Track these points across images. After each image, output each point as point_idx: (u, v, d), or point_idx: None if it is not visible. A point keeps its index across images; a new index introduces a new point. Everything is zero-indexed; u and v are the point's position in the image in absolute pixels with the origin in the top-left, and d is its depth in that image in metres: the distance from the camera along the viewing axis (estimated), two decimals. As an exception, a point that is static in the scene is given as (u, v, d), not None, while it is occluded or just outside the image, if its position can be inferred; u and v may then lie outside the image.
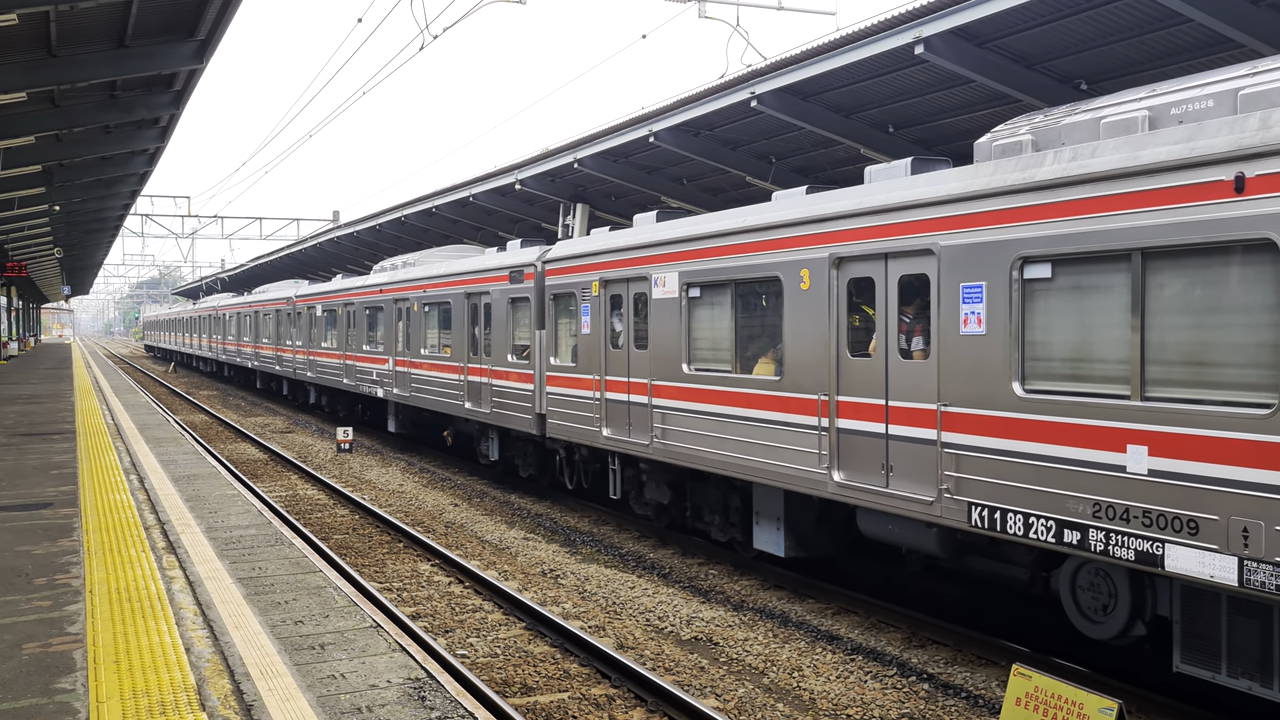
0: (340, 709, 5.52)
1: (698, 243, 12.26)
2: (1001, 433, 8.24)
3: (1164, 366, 7.17)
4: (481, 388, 18.31)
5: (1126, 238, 7.28)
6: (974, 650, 9.60)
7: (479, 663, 9.35)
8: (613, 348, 14.16)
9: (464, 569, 12.36)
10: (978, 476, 8.43)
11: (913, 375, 9.13)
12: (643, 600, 11.41)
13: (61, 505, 11.07)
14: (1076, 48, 11.88)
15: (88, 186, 28.08)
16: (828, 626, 10.50)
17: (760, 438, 11.07)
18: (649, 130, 17.13)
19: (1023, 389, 8.11)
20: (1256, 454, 6.48)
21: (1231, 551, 6.60)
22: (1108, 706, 6.02)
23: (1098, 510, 7.47)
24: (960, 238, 8.58)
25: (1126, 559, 7.28)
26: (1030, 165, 8.09)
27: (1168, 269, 7.11)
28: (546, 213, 25.02)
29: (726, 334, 11.87)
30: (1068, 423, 7.73)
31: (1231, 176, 6.64)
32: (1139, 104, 7.73)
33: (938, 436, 8.79)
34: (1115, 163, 7.36)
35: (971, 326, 8.50)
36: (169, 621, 6.97)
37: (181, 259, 75.29)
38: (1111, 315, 7.49)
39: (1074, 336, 7.79)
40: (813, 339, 10.31)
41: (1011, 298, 8.15)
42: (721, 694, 8.64)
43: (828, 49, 12.97)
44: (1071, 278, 7.77)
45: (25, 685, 5.72)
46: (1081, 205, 7.60)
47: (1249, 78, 7.12)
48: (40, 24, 13.93)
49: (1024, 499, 8.01)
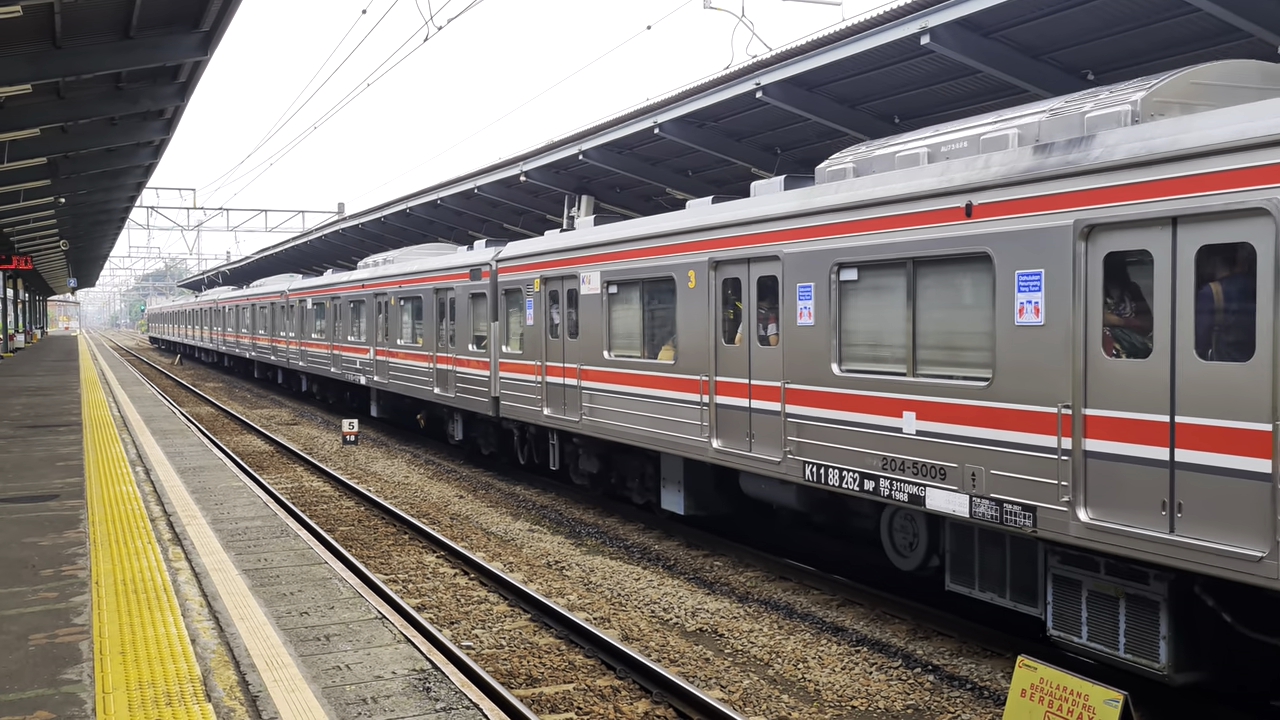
0: (345, 700, 5.53)
1: (615, 246, 14.01)
2: (825, 404, 10.23)
3: (927, 350, 9.16)
4: (448, 374, 20.08)
5: (903, 250, 9.20)
6: (979, 642, 9.60)
7: (484, 654, 9.36)
8: (551, 337, 15.88)
9: (469, 560, 12.38)
10: (809, 440, 10.43)
11: (767, 358, 11.09)
12: (648, 592, 11.42)
13: (68, 497, 11.10)
14: (1082, 38, 11.83)
15: (93, 178, 28.10)
16: (832, 618, 10.51)
17: (663, 413, 12.87)
18: (654, 122, 17.10)
19: (839, 369, 10.07)
20: (980, 416, 8.49)
21: (965, 491, 8.60)
22: (1113, 698, 6.01)
23: (885, 464, 9.46)
24: (798, 247, 10.51)
25: (902, 500, 9.26)
26: (844, 189, 10.01)
27: (929, 275, 9.08)
28: (551, 204, 25.01)
29: (637, 325, 13.72)
30: (867, 395, 9.69)
31: (964, 204, 8.53)
32: (922, 142, 9.61)
33: (782, 408, 10.78)
34: (897, 190, 9.24)
35: (805, 319, 10.47)
36: (175, 613, 6.99)
37: (187, 251, 75.37)
38: (895, 311, 9.46)
39: (872, 327, 9.78)
40: (698, 329, 12.17)
41: (831, 296, 10.12)
42: (726, 685, 8.65)
43: (833, 40, 12.93)
44: (870, 280, 9.77)
45: (32, 676, 5.74)
46: (875, 223, 9.53)
47: (992, 124, 8.95)
48: (45, 16, 13.92)
49: (838, 457, 10.03)
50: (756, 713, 8.10)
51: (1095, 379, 7.54)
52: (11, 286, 54.60)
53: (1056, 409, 7.77)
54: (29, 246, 47.58)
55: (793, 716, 8.03)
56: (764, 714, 8.08)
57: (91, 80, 17.51)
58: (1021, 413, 8.08)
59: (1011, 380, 8.17)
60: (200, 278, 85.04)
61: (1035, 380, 7.96)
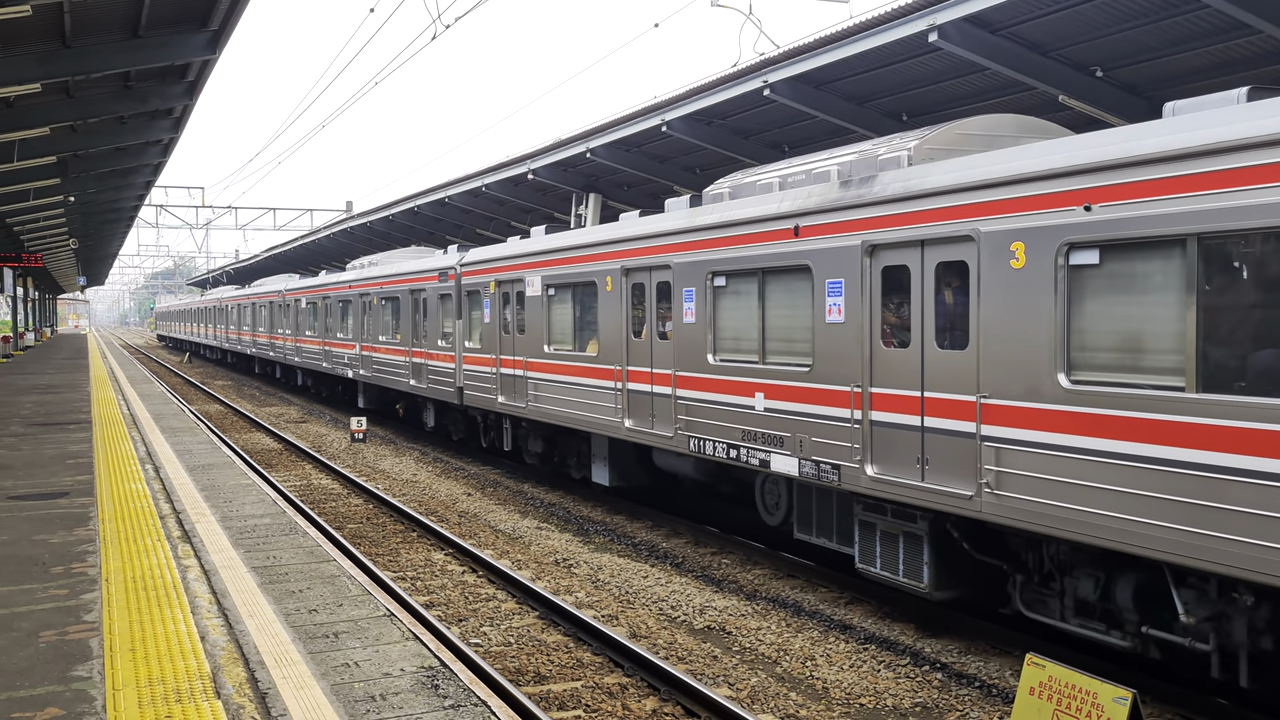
0: (354, 697, 5.54)
1: (553, 254, 16.02)
2: (703, 388, 12.24)
3: (772, 342, 11.18)
4: (421, 367, 22.06)
5: (755, 262, 11.21)
6: (987, 640, 9.59)
7: (492, 651, 9.38)
8: (504, 333, 17.86)
9: (477, 558, 12.40)
10: (693, 418, 12.38)
11: (664, 350, 13.02)
12: (655, 589, 11.43)
13: (78, 494, 11.15)
14: (1091, 34, 11.79)
15: (102, 177, 28.18)
16: (840, 616, 10.50)
17: (589, 398, 14.83)
18: (661, 119, 17.11)
19: (713, 359, 12.05)
20: (804, 395, 10.56)
21: (795, 455, 10.65)
22: (1122, 696, 6.00)
23: (744, 435, 11.45)
24: (684, 258, 12.53)
25: (755, 465, 11.24)
26: (716, 211, 12.02)
27: (772, 282, 11.13)
28: (559, 202, 25.02)
29: (570, 323, 15.66)
30: (732, 380, 11.69)
31: (794, 226, 10.61)
32: (776, 173, 11.54)
33: (673, 392, 12.79)
34: (750, 214, 11.33)
35: (689, 317, 12.45)
36: (184, 610, 7.01)
37: (196, 250, 75.57)
38: (750, 311, 11.47)
39: (735, 324, 11.77)
40: (614, 326, 14.14)
41: (707, 299, 12.09)
42: (734, 683, 8.65)
43: (841, 37, 12.92)
44: (733, 286, 11.77)
45: (43, 673, 5.77)
46: (737, 240, 11.57)
47: (823, 160, 10.92)
48: (54, 15, 13.97)
49: (712, 431, 12.02)
50: (764, 710, 8.10)
51: (878, 364, 9.64)
52: (21, 285, 54.78)
53: (851, 388, 9.90)
54: (39, 245, 47.73)
55: (801, 714, 8.03)
56: (772, 712, 8.08)
57: (100, 79, 17.56)
58: (830, 391, 10.23)
59: (824, 366, 10.29)
60: (205, 276, 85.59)
61: (839, 365, 10.09)
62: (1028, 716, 6.50)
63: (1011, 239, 8.20)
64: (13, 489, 11.46)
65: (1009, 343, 8.27)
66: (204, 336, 60.12)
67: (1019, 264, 8.15)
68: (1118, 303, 7.56)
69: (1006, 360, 8.32)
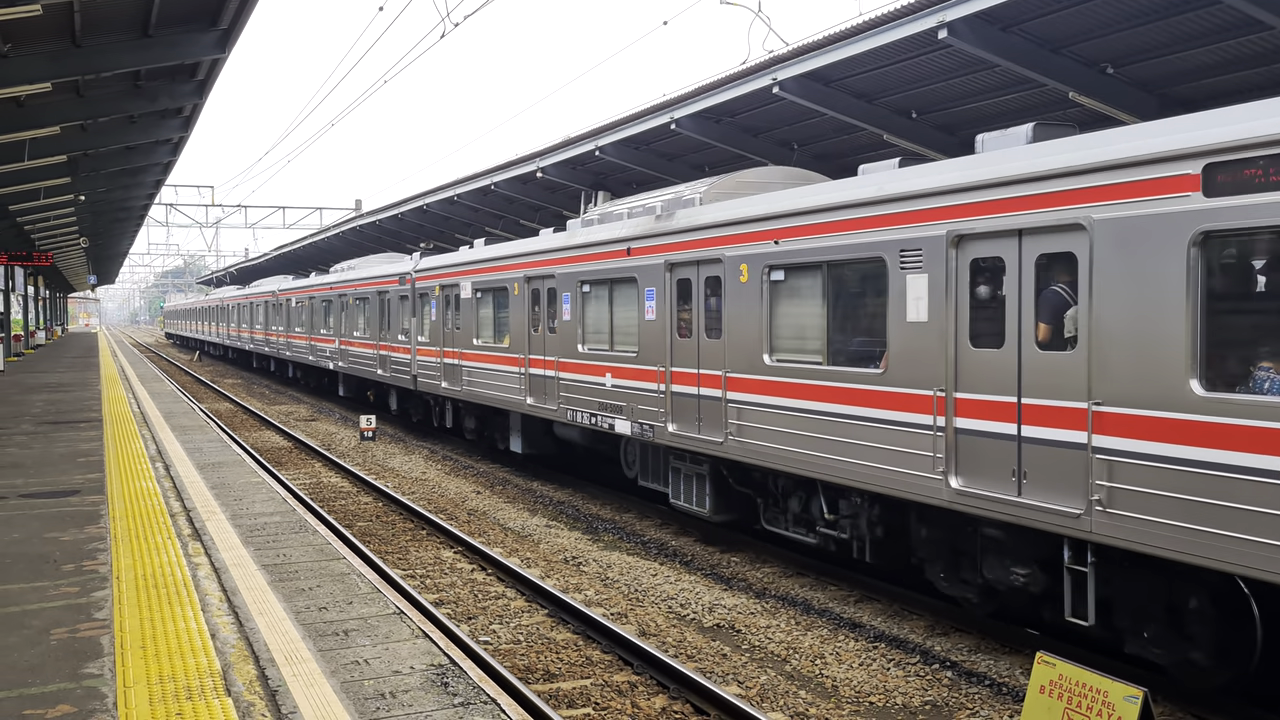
0: (364, 695, 5.55)
1: (479, 264, 19.47)
2: (574, 371, 15.54)
3: (618, 334, 14.42)
4: (386, 359, 25.48)
5: (606, 274, 14.56)
6: (997, 638, 9.56)
7: (502, 649, 9.38)
8: (445, 329, 21.21)
9: (486, 556, 12.41)
10: (570, 394, 15.65)
11: (550, 342, 16.36)
12: (664, 588, 11.42)
13: (89, 492, 11.18)
14: (1102, 30, 11.74)
15: (112, 176, 28.25)
16: (850, 614, 10.48)
17: (505, 382, 18.10)
18: (670, 117, 17.09)
19: (582, 348, 15.31)
20: (634, 374, 13.85)
21: (629, 420, 13.93)
22: (1133, 694, 5.98)
23: (600, 406, 14.70)
24: (564, 270, 15.88)
25: (606, 429, 14.51)
26: (581, 234, 15.50)
27: (616, 290, 14.45)
28: (568, 200, 25.02)
29: (490, 321, 19.05)
30: (593, 364, 14.96)
31: (627, 248, 13.98)
32: (625, 205, 14.94)
33: (556, 375, 16.14)
34: (602, 237, 14.73)
35: (566, 316, 15.80)
36: (195, 607, 7.03)
37: (206, 248, 75.72)
38: (604, 310, 14.77)
39: (595, 321, 15.10)
40: (520, 323, 17.49)
41: (577, 302, 15.44)
42: (744, 681, 8.64)
43: (850, 34, 12.88)
44: (594, 292, 15.12)
45: (54, 670, 5.79)
46: (595, 256, 14.92)
47: (654, 197, 14.29)
48: (64, 14, 14.00)
49: (579, 403, 15.33)
50: (774, 708, 8.09)
51: (675, 350, 13.03)
52: (32, 284, 54.98)
53: (659, 368, 13.29)
54: (49, 244, 47.88)
55: (810, 712, 8.02)
56: (781, 710, 8.07)
57: (110, 78, 17.60)
58: (649, 371, 13.57)
59: (644, 352, 13.63)
60: (210, 276, 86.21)
61: (653, 352, 13.43)
62: (1038, 715, 6.48)
63: (740, 261, 11.65)
64: (24, 487, 11.51)
65: (742, 335, 11.67)
66: (208, 334, 63.39)
67: (744, 279, 11.60)
68: (797, 302, 10.99)
69: (741, 345, 11.69)
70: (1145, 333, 7.26)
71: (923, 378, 9.08)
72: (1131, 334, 7.35)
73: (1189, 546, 6.99)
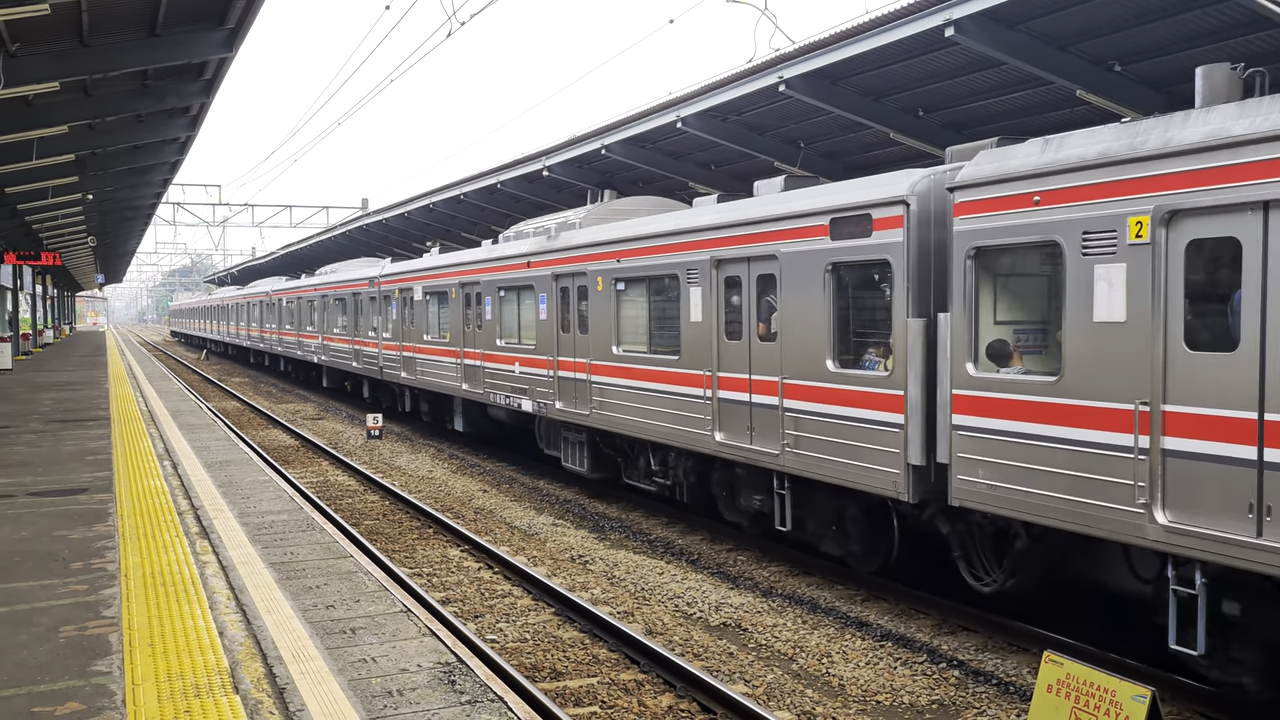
0: (371, 692, 5.56)
1: (428, 271, 23.08)
2: (494, 360, 19.14)
3: (524, 330, 17.79)
4: (359, 352, 29.11)
5: (515, 281, 17.82)
6: (1004, 637, 9.55)
7: (508, 647, 9.39)
8: (402, 326, 24.83)
9: (493, 554, 12.42)
10: (490, 380, 19.29)
11: (478, 337, 19.98)
12: (671, 586, 11.42)
13: (97, 491, 11.21)
14: (1111, 28, 11.71)
15: (120, 175, 28.31)
16: (856, 613, 10.48)
17: (448, 371, 21.62)
18: (676, 116, 17.07)
19: (500, 342, 18.81)
20: (533, 363, 17.26)
21: (531, 399, 17.22)
22: (1141, 694, 5.97)
23: (511, 389, 18.13)
24: (487, 277, 19.48)
25: (515, 407, 17.88)
26: (498, 250, 19.02)
27: (523, 295, 17.83)
28: (574, 199, 25.01)
29: (436, 318, 22.60)
30: (507, 355, 18.44)
31: (527, 261, 17.41)
32: (532, 224, 18.35)
33: (481, 364, 19.71)
34: (510, 252, 18.31)
35: (489, 316, 19.42)
36: (203, 605, 7.04)
37: (213, 247, 75.94)
38: (514, 312, 18.26)
39: (509, 320, 18.56)
40: (457, 320, 21.11)
41: (496, 303, 19.04)
42: (750, 680, 8.64)
43: (856, 32, 12.85)
44: (508, 296, 18.66)
45: (63, 668, 5.81)
46: (508, 267, 18.39)
47: (550, 218, 17.67)
48: (72, 13, 14.03)
49: (500, 388, 18.75)
50: (781, 707, 8.09)
51: (560, 342, 16.33)
52: (40, 283, 55.12)
53: (549, 358, 16.64)
54: (57, 243, 47.99)
55: (817, 711, 8.02)
56: (788, 708, 8.07)
57: (118, 78, 17.63)
58: (543, 360, 16.94)
59: (539, 345, 17.08)
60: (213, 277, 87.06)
61: (545, 345, 16.86)
62: (1046, 714, 6.47)
63: (598, 274, 15.11)
64: (32, 485, 11.54)
65: (601, 331, 15.08)
66: (209, 332, 68.40)
67: (600, 288, 15.09)
68: (632, 306, 14.46)
69: (600, 339, 15.08)
70: (807, 329, 10.82)
71: (701, 361, 12.71)
72: (800, 329, 10.92)
73: (832, 471, 10.53)
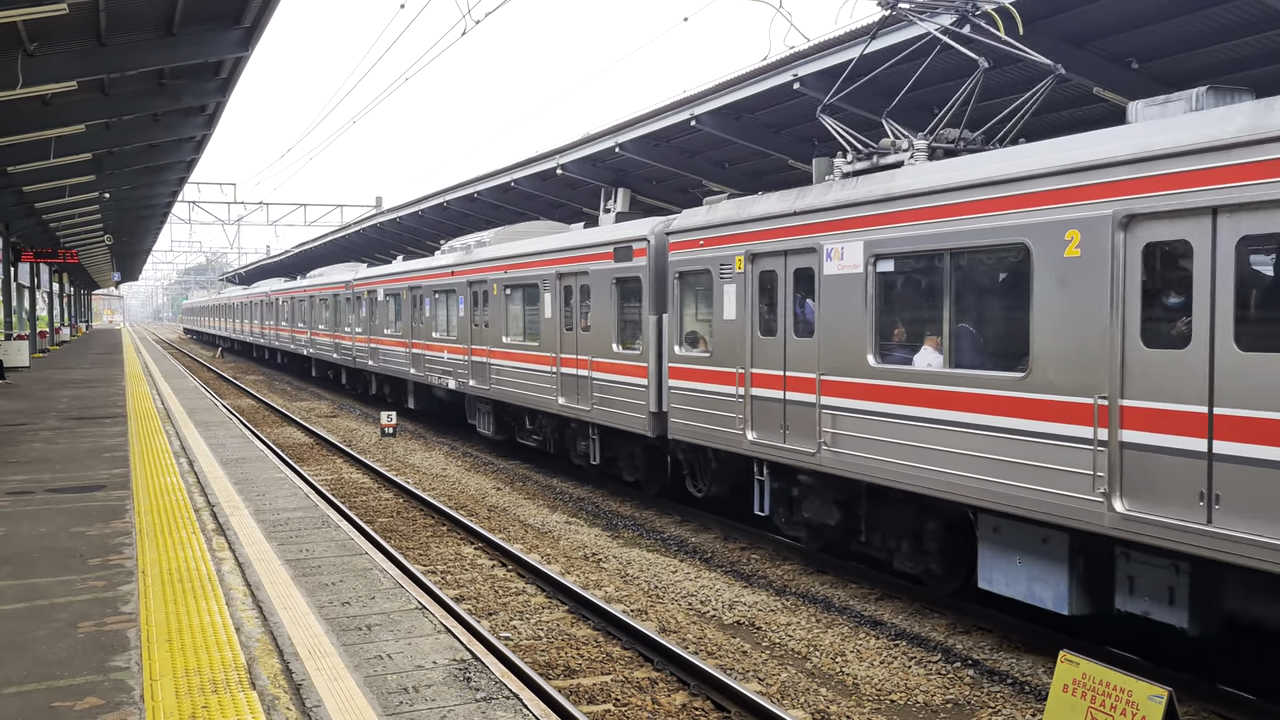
0: (387, 689, 5.58)
1: (388, 276, 27.63)
2: (431, 349, 23.65)
3: (451, 326, 22.41)
4: (339, 345, 33.42)
5: (444, 287, 22.84)
6: (1019, 637, 9.52)
7: (522, 645, 9.41)
8: (369, 321, 29.60)
9: (507, 552, 12.44)
10: (428, 365, 23.75)
11: (421, 330, 24.15)
12: (685, 584, 11.42)
13: (114, 487, 11.28)
14: (1130, 25, 11.65)
15: (137, 174, 28.48)
16: (871, 612, 10.46)
17: (402, 359, 25.75)
18: (690, 114, 17.06)
19: (435, 334, 23.09)
20: (456, 350, 21.90)
21: (455, 379, 22.01)
22: (1157, 694, 5.94)
23: (443, 372, 22.67)
24: (426, 283, 24.07)
25: (443, 385, 22.77)
26: (437, 260, 23.52)
27: (450, 298, 22.44)
28: (588, 197, 25.03)
29: (393, 316, 26.98)
30: (438, 344, 23.09)
31: (450, 271, 22.46)
32: (462, 241, 22.61)
33: (424, 353, 23.74)
34: (443, 263, 23.15)
35: (427, 314, 23.85)
36: (219, 602, 7.08)
37: (228, 245, 76.26)
38: (443, 311, 22.86)
39: (442, 318, 22.97)
40: (407, 317, 25.56)
41: (434, 304, 23.44)
42: (764, 678, 8.64)
43: (871, 29, 12.80)
44: (440, 298, 23.07)
45: (81, 663, 5.85)
46: (439, 275, 23.18)
47: (471, 237, 22.53)
48: (90, 13, 14.12)
49: (434, 372, 23.19)
50: (795, 705, 8.08)
51: (474, 335, 20.54)
52: (58, 281, 55.45)
53: (465, 346, 20.76)
54: (74, 241, 48.29)
55: (831, 710, 8.01)
56: (802, 707, 8.06)
57: (135, 77, 17.74)
58: (461, 348, 21.12)
59: (459, 336, 21.23)
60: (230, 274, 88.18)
61: (463, 335, 20.91)
62: (1061, 714, 6.45)
63: (494, 282, 19.45)
64: (50, 482, 11.62)
65: (496, 325, 19.51)
66: (218, 329, 73.81)
67: (495, 293, 19.52)
68: (515, 307, 18.72)
69: (495, 331, 19.55)
70: (600, 322, 15.63)
71: (549, 345, 17.10)
72: (597, 322, 15.76)
73: (616, 420, 15.13)
